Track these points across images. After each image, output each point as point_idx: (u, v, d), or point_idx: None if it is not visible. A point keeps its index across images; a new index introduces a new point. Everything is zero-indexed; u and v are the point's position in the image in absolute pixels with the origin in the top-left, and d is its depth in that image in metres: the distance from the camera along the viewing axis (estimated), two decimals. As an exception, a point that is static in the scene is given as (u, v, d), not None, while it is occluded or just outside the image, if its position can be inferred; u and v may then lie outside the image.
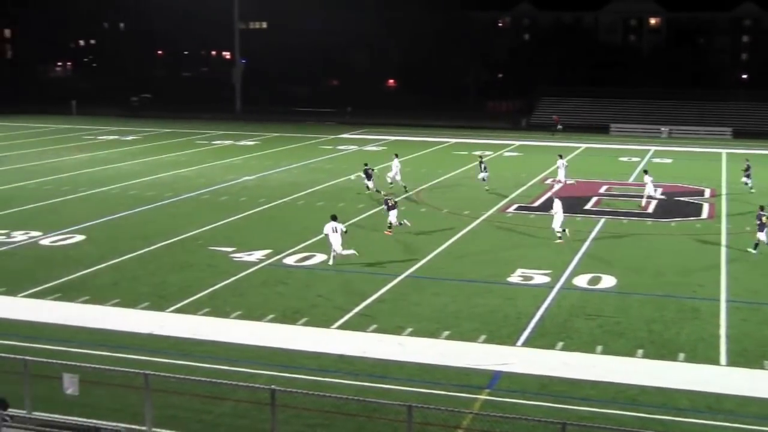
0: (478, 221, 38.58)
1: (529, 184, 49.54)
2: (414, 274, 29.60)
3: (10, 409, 15.33)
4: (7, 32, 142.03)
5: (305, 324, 24.19)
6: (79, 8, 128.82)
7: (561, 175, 49.26)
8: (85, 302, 26.05)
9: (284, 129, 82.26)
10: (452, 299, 26.51)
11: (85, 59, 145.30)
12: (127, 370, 17.16)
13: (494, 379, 20.28)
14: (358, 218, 38.81)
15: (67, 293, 26.87)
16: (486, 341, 22.87)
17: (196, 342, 22.64)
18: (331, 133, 79.15)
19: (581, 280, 28.90)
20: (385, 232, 35.91)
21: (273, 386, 15.43)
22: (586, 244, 34.42)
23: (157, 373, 17.01)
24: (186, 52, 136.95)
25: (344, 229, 31.23)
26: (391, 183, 46.04)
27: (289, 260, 31.13)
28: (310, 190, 46.23)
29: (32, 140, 70.12)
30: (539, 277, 29.19)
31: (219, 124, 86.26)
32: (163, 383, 16.91)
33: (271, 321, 24.43)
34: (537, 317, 24.88)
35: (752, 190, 46.35)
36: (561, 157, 50.49)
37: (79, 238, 34.56)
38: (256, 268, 30.03)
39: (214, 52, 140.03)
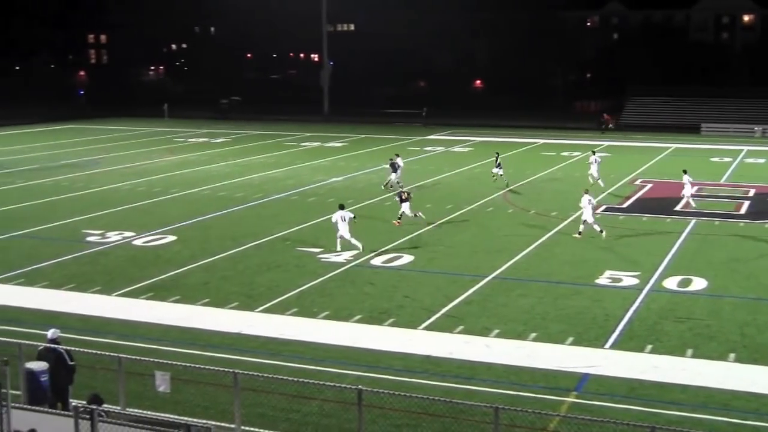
0: (565, 222, 38.17)
1: (618, 184, 48.83)
2: (501, 275, 29.43)
3: (104, 405, 15.69)
4: (103, 38, 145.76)
5: (392, 325, 24.25)
6: (171, 14, 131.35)
7: (594, 170, 48.91)
8: (176, 301, 26.56)
9: (371, 130, 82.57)
10: (539, 301, 26.28)
11: (177, 63, 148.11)
12: (216, 368, 17.41)
13: (582, 382, 20.04)
14: (446, 218, 38.75)
15: (158, 292, 27.43)
16: (573, 343, 22.62)
17: (284, 342, 22.89)
18: (419, 134, 79.17)
19: (671, 282, 28.37)
20: (394, 222, 36.98)
21: (360, 386, 15.50)
22: (677, 245, 33.77)
23: (246, 372, 17.24)
24: (275, 55, 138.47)
25: (353, 216, 32.61)
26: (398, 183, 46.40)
27: (377, 261, 31.25)
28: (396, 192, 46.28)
29: (126, 143, 71.75)
30: (628, 279, 28.75)
31: (307, 126, 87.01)
32: (251, 382, 17.13)
33: (358, 321, 24.56)
34: (625, 319, 24.51)
35: None
36: (594, 153, 50.37)
37: (171, 238, 35.25)
38: (343, 268, 30.21)
39: (302, 55, 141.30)
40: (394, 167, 46.47)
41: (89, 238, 35.13)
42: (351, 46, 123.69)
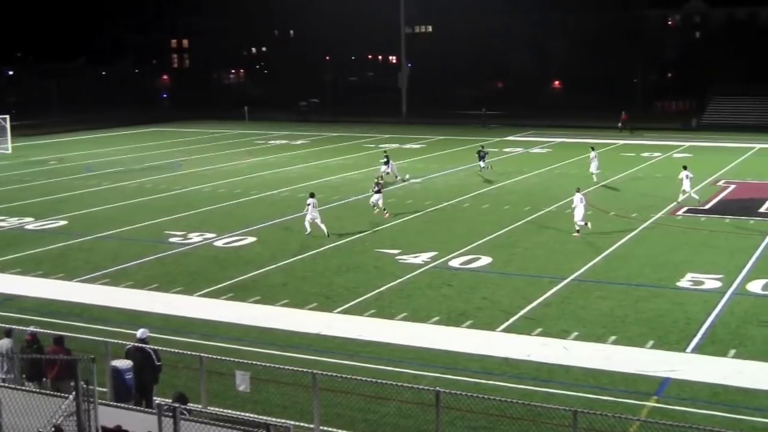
0: (646, 224, 37.60)
1: (700, 186, 47.89)
2: (580, 277, 29.12)
3: (187, 404, 15.93)
4: (185, 43, 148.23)
5: (470, 326, 24.18)
6: (251, 18, 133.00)
7: (593, 167, 49.40)
8: (256, 302, 26.86)
9: (449, 132, 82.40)
10: (619, 303, 25.93)
11: (257, 66, 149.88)
12: (295, 368, 17.55)
13: (662, 386, 19.71)
14: (525, 220, 38.49)
15: (239, 293, 27.78)
16: (654, 347, 22.26)
17: (362, 343, 22.98)
18: (497, 135, 78.75)
19: (755, 286, 27.72)
20: (375, 212, 39.54)
21: (437, 388, 15.48)
22: (761, 248, 32.99)
23: (325, 372, 17.35)
24: (353, 58, 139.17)
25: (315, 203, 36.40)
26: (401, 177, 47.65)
27: (455, 263, 31.18)
28: (475, 193, 46.17)
29: (207, 145, 72.84)
30: (710, 282, 28.19)
31: (385, 128, 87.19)
32: (330, 382, 17.24)
33: (436, 323, 24.53)
34: (708, 323, 24.03)
35: None
36: (593, 149, 50.66)
37: (251, 239, 35.67)
38: (421, 270, 30.22)
39: (380, 57, 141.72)
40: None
41: (172, 239, 35.75)
42: (429, 47, 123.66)
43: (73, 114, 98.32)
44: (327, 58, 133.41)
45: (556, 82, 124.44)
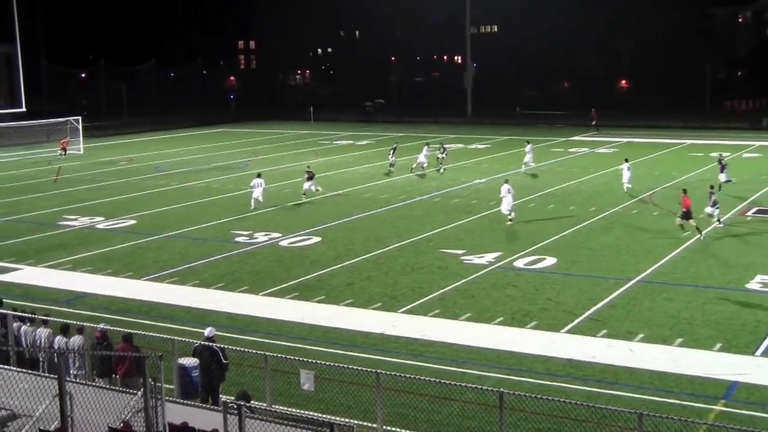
0: (713, 225, 36.94)
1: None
2: (646, 278, 28.75)
3: (252, 402, 16.09)
4: (252, 44, 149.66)
5: (534, 327, 24.03)
6: (317, 19, 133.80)
7: (626, 178, 45.89)
8: (320, 301, 27.02)
9: (515, 132, 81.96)
10: (686, 305, 25.54)
11: (323, 67, 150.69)
12: (359, 368, 17.61)
13: (731, 390, 19.37)
14: (590, 220, 38.14)
15: (303, 293, 27.97)
16: (722, 350, 21.88)
17: (426, 343, 22.98)
18: (563, 135, 78.12)
19: (829, 288, 27.10)
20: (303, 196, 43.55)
21: (501, 389, 15.42)
22: (835, 249, 32.23)
23: (388, 372, 17.38)
24: (418, 58, 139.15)
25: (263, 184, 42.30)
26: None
27: (519, 263, 31.02)
28: (540, 193, 45.87)
29: (273, 145, 73.47)
30: (782, 284, 27.63)
31: (450, 128, 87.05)
32: (393, 382, 17.27)
33: (500, 324, 24.43)
34: (779, 326, 23.55)
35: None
36: (627, 160, 47.68)
37: (316, 239, 35.89)
38: (486, 270, 30.12)
39: (445, 57, 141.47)
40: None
41: (238, 239, 36.14)
42: (494, 47, 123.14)
43: (143, 115, 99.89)
44: (393, 58, 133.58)
45: (623, 82, 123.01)
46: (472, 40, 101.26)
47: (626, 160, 47.27)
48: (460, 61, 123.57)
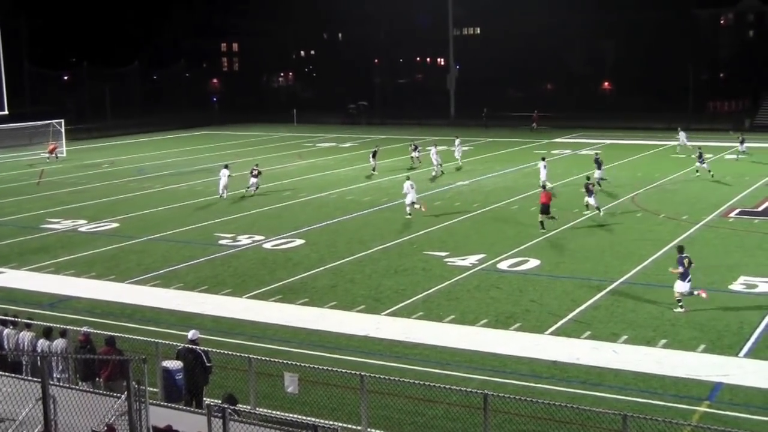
0: (697, 226, 37.14)
1: (753, 187, 47.23)
2: (629, 280, 28.84)
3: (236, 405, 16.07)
4: (235, 46, 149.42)
5: (518, 329, 24.07)
6: (300, 20, 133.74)
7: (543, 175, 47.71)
8: (304, 304, 26.98)
9: (498, 134, 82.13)
10: (670, 307, 25.61)
11: (306, 69, 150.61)
12: (343, 370, 17.61)
13: (715, 391, 19.45)
14: (574, 222, 38.23)
15: (287, 295, 27.92)
16: (706, 351, 21.98)
17: (410, 345, 22.98)
18: (546, 137, 78.33)
19: (811, 289, 27.24)
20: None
21: (485, 391, 15.44)
22: (817, 250, 32.41)
23: (373, 374, 17.38)
24: (401, 60, 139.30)
25: (229, 174, 45.92)
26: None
27: (503, 265, 31.06)
28: (524, 195, 45.95)
29: (257, 148, 73.36)
30: (764, 285, 27.78)
31: (434, 130, 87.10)
32: (378, 384, 17.26)
33: (484, 325, 24.45)
34: (762, 327, 23.65)
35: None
36: (543, 159, 49.55)
37: (300, 242, 35.84)
38: (470, 272, 30.15)
39: (428, 59, 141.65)
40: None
41: (221, 242, 36.05)
42: (477, 49, 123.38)
43: (126, 117, 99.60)
44: (376, 60, 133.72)
45: (606, 83, 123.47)
46: (455, 42, 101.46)
47: (543, 159, 48.82)
48: (443, 63, 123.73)
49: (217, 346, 21.15)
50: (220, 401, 15.56)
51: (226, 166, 47.90)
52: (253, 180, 47.63)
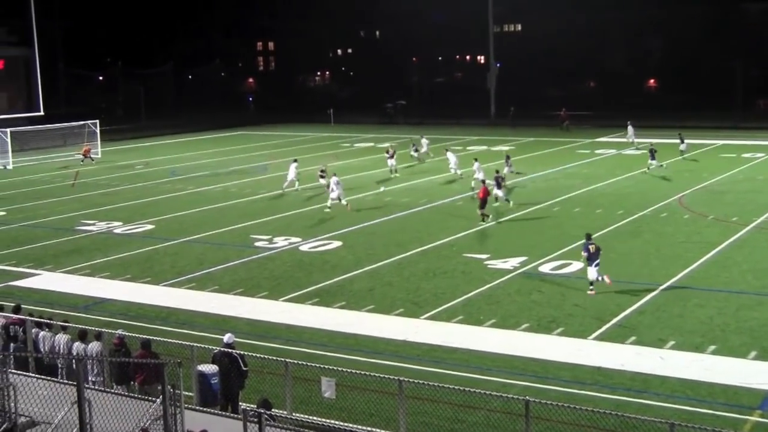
0: (747, 228, 36.72)
1: (806, 188, 46.61)
2: (676, 284, 28.57)
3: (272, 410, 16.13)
4: (271, 45, 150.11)
5: (560, 334, 23.94)
6: (336, 19, 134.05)
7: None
8: (341, 307, 27.02)
9: (539, 133, 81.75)
10: (718, 311, 25.36)
11: (343, 68, 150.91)
12: (381, 375, 17.61)
13: (767, 400, 19.20)
14: (618, 224, 37.96)
15: (324, 298, 27.99)
16: (757, 358, 21.70)
17: (450, 349, 22.94)
18: (589, 136, 77.84)
19: None
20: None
21: (527, 397, 15.37)
22: None
23: (411, 379, 17.37)
24: (440, 58, 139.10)
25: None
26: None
27: (545, 268, 30.90)
28: (566, 196, 45.71)
29: (292, 149, 73.58)
30: (817, 290, 27.39)
31: (473, 129, 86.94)
32: (416, 390, 17.26)
33: (526, 330, 24.36)
34: (815, 333, 23.35)
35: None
36: (476, 160, 50.28)
37: (337, 244, 35.91)
38: (510, 275, 30.04)
39: (468, 57, 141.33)
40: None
41: (257, 244, 36.22)
42: (518, 46, 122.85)
43: (160, 118, 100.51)
44: (414, 59, 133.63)
45: (651, 81, 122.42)
46: (495, 39, 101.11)
47: (476, 160, 49.90)
48: (483, 61, 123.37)
49: (253, 349, 21.25)
50: (255, 406, 15.63)
51: (295, 160, 50.57)
52: (323, 181, 48.10)
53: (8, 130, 67.47)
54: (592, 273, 27.34)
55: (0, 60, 75.53)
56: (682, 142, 61.42)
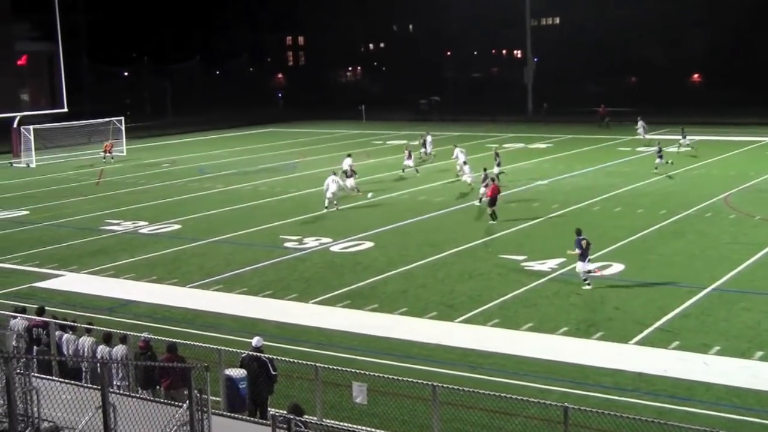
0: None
1: None
2: (721, 287, 28.32)
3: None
4: (300, 39, 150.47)
5: (600, 338, 23.81)
6: (368, 12, 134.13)
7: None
8: (373, 310, 27.03)
9: (579, 130, 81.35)
10: (766, 315, 25.10)
11: (374, 63, 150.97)
12: (414, 380, 17.59)
13: (816, 407, 19.00)
14: (660, 224, 37.70)
15: (355, 301, 28.00)
16: (806, 364, 21.49)
17: (485, 354, 22.88)
18: (630, 133, 77.28)
19: None
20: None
21: (566, 404, 15.29)
22: None
23: (445, 384, 17.32)
24: (475, 53, 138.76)
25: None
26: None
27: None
28: (606, 195, 45.46)
29: (323, 146, 73.74)
30: None
31: (510, 126, 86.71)
32: (450, 395, 17.21)
33: (564, 334, 24.24)
34: None
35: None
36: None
37: (369, 244, 35.92)
38: (548, 277, 29.92)
39: (504, 52, 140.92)
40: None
41: (287, 244, 36.32)
42: (556, 40, 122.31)
43: (187, 115, 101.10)
44: (448, 53, 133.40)
45: (695, 76, 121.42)
46: (532, 33, 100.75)
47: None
48: (519, 55, 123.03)
49: (282, 353, 21.27)
50: (285, 412, 15.65)
51: (349, 155, 52.12)
52: (350, 181, 47.83)
53: (31, 127, 68.13)
54: (584, 267, 28.28)
55: (23, 55, 75.90)
56: (684, 137, 62.71)
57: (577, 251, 28.20)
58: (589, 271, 28.36)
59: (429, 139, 64.01)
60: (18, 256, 35.67)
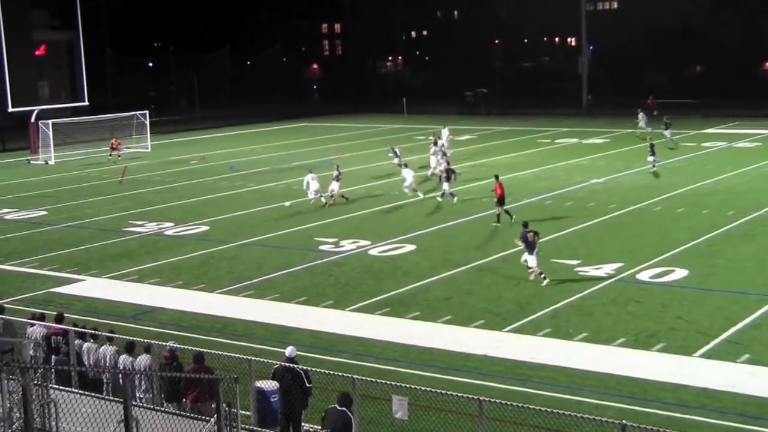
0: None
1: None
2: (795, 294, 28.07)
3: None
4: (337, 27, 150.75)
5: (661, 350, 23.66)
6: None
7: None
8: (414, 318, 27.04)
9: (636, 124, 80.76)
10: (844, 326, 24.82)
11: (417, 53, 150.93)
12: (459, 394, 17.56)
13: None
14: (728, 226, 37.39)
15: (396, 308, 28.03)
16: None
17: (536, 366, 22.82)
18: (695, 127, 76.72)
19: None
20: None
21: (624, 421, 15.20)
22: None
23: (492, 399, 17.29)
24: (525, 41, 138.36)
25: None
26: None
27: (644, 275, 30.57)
28: (668, 195, 45.17)
29: (361, 142, 73.93)
30: None
31: (563, 120, 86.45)
32: (498, 411, 17.16)
33: (622, 345, 24.12)
34: None
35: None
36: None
37: (410, 248, 35.94)
38: (604, 284, 29.79)
39: (557, 39, 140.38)
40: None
41: (322, 247, 36.43)
42: (614, 27, 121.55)
43: (216, 108, 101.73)
44: (496, 42, 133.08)
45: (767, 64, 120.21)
46: (588, 19, 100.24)
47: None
48: (573, 43, 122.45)
49: (317, 364, 21.34)
50: (337, 402, 15.63)
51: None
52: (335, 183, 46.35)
53: (50, 121, 68.86)
54: (533, 260, 29.63)
55: (41, 45, 76.46)
56: (667, 128, 63.52)
57: (521, 244, 30.08)
58: (529, 267, 29.69)
59: (446, 133, 62.43)
60: (36, 259, 36.10)
